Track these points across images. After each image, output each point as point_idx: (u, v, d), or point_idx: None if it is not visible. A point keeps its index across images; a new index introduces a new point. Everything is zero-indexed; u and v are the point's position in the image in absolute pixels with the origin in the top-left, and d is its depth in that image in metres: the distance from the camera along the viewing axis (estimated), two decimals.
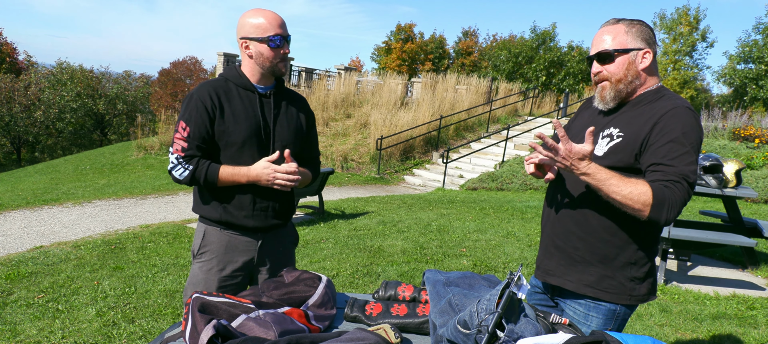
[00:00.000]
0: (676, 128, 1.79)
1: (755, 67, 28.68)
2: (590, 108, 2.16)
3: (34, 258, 5.84)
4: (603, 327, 1.99)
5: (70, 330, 4.06)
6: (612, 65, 1.95)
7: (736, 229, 6.27)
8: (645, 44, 1.93)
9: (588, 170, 1.77)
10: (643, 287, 1.99)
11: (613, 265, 1.97)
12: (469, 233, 7.59)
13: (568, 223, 2.04)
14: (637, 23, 1.94)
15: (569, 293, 2.07)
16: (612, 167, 1.86)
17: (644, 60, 1.93)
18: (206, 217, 2.37)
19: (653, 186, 1.75)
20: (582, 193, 2.00)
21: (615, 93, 1.97)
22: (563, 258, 2.06)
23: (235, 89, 2.31)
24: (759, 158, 13.48)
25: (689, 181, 1.76)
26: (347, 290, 5.12)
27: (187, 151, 2.23)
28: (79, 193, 10.76)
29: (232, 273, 2.37)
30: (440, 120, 18.08)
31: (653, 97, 1.93)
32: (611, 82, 1.96)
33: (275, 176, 2.25)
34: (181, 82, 43.12)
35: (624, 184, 1.75)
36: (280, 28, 2.26)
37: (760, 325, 4.59)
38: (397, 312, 1.90)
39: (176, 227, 7.68)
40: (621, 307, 2.00)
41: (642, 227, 1.90)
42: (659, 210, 1.73)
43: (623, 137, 1.90)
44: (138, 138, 20.54)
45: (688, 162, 1.77)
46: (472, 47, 41.57)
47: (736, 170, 5.64)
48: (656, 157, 1.80)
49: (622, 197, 1.75)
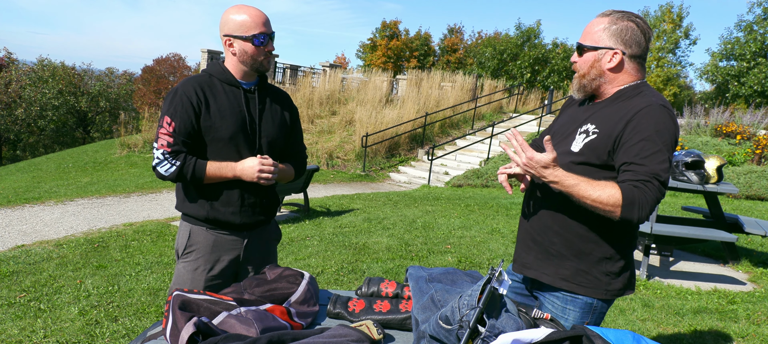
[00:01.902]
0: (649, 126, 1.80)
1: (737, 64, 29.02)
2: (573, 104, 2.19)
3: (16, 257, 5.77)
4: (580, 321, 2.01)
5: (52, 330, 4.01)
6: (581, 59, 2.01)
7: (718, 224, 6.35)
8: (619, 44, 1.93)
9: (554, 177, 1.80)
10: (618, 281, 2.01)
11: (588, 260, 1.99)
12: (454, 229, 7.61)
13: (545, 218, 2.05)
14: (624, 20, 1.94)
15: (547, 286, 2.09)
16: (587, 163, 1.89)
17: (611, 61, 1.94)
18: (192, 215, 2.35)
19: (623, 187, 1.77)
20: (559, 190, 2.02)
21: (578, 86, 2.03)
22: (540, 251, 2.08)
23: (219, 84, 2.30)
24: (740, 155, 13.65)
25: (660, 179, 1.77)
26: (332, 287, 5.11)
27: (173, 146, 2.21)
28: (62, 191, 10.63)
29: (219, 271, 2.37)
30: (426, 117, 18.10)
31: (632, 93, 1.94)
32: (578, 74, 2.03)
33: (262, 170, 2.25)
34: (164, 80, 42.71)
35: (593, 188, 1.78)
36: (264, 26, 2.25)
37: (741, 319, 4.65)
38: (380, 308, 1.90)
39: (160, 226, 7.62)
40: (598, 301, 2.02)
41: (618, 224, 1.90)
42: (630, 211, 1.75)
43: (598, 133, 1.91)
44: (121, 136, 20.34)
45: (660, 161, 1.78)
46: (458, 44, 41.60)
47: (717, 166, 5.70)
48: (628, 156, 1.81)
49: (592, 201, 1.78)
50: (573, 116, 2.11)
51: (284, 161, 2.49)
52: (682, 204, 10.11)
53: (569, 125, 2.08)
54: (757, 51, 28.14)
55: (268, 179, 2.28)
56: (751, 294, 5.36)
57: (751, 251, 6.97)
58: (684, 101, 28.26)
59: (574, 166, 1.93)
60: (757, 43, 28.05)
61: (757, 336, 4.26)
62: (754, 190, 11.67)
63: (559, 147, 2.02)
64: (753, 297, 5.23)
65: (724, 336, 4.28)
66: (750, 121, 16.09)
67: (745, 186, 11.80)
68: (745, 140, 14.79)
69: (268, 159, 2.28)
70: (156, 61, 44.43)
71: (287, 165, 2.49)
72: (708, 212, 6.67)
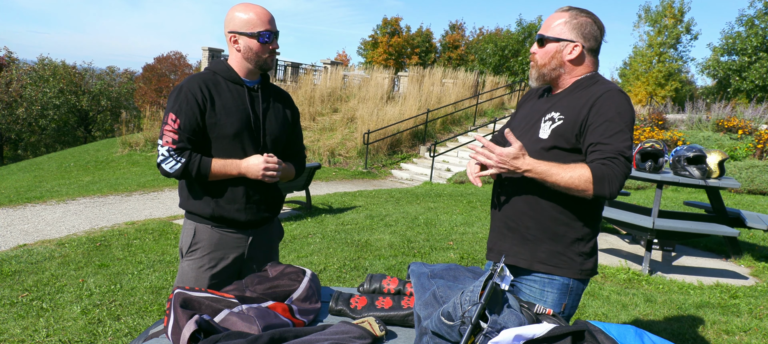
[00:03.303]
0: (611, 109, 1.94)
1: (738, 59, 28.96)
2: (531, 98, 2.31)
3: (18, 257, 5.78)
4: (559, 301, 2.11)
5: (55, 329, 4.02)
6: (541, 50, 2.12)
7: (720, 219, 6.34)
8: (579, 37, 2.06)
9: (527, 165, 1.92)
10: (590, 262, 2.12)
11: (562, 241, 2.09)
12: (456, 226, 7.61)
13: (518, 204, 2.14)
14: (583, 15, 2.07)
15: (523, 271, 2.16)
16: (556, 147, 2.02)
17: (572, 53, 2.06)
18: (196, 213, 2.35)
19: (592, 166, 1.89)
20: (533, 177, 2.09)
21: (537, 75, 2.15)
22: (516, 238, 2.16)
23: (223, 82, 2.31)
24: (742, 149, 13.62)
25: (625, 155, 1.90)
26: (334, 284, 5.11)
27: (179, 143, 2.20)
28: (63, 190, 10.64)
29: (223, 269, 2.37)
30: (427, 114, 18.09)
31: (588, 82, 2.07)
32: (537, 65, 2.14)
33: (266, 168, 2.26)
34: (165, 78, 42.77)
35: (563, 170, 1.90)
36: (269, 24, 2.27)
37: (743, 313, 4.64)
38: (381, 304, 1.89)
39: (162, 224, 7.62)
40: (573, 281, 2.11)
41: (587, 206, 2.05)
42: (601, 186, 1.87)
43: (564, 119, 2.02)
44: (123, 135, 20.36)
45: (623, 139, 1.91)
46: (459, 41, 41.58)
47: (719, 160, 5.69)
48: (594, 137, 1.94)
49: (566, 183, 1.89)
50: (533, 108, 2.23)
51: (285, 161, 2.49)
52: (684, 199, 10.10)
53: (531, 117, 2.18)
54: (758, 46, 28.08)
55: (273, 177, 2.29)
56: (753, 288, 5.36)
57: (753, 246, 6.96)
58: (686, 96, 28.19)
59: (544, 152, 2.03)
60: (758, 38, 27.99)
61: (760, 331, 4.26)
62: (756, 185, 11.65)
63: (525, 138, 2.11)
64: (755, 292, 5.23)
65: (727, 330, 4.28)
66: (751, 116, 16.07)
67: (746, 181, 11.78)
68: (746, 134, 14.76)
69: (272, 157, 2.29)
70: (157, 60, 44.47)
71: (288, 164, 2.50)
72: (710, 207, 6.66)
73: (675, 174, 5.81)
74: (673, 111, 19.59)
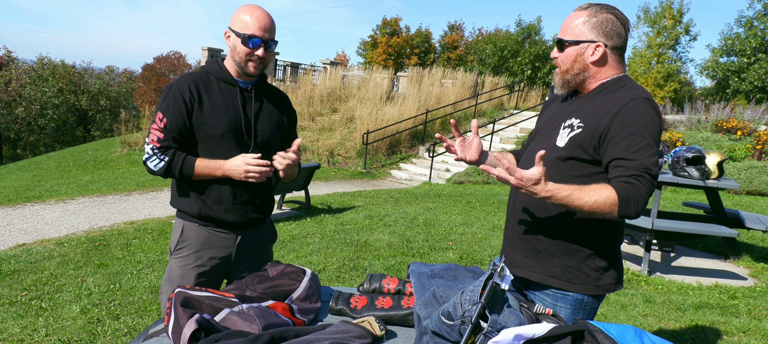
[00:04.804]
0: (636, 120, 1.80)
1: (737, 60, 28.95)
2: (555, 101, 2.19)
3: (17, 256, 5.77)
4: (572, 317, 2.00)
5: (54, 328, 4.02)
6: (562, 54, 1.98)
7: (719, 220, 6.35)
8: (600, 36, 1.91)
9: (546, 193, 1.75)
10: (607, 277, 2.00)
11: (577, 256, 1.98)
12: (455, 226, 7.61)
13: (532, 214, 2.04)
14: (603, 12, 1.93)
15: (536, 284, 2.07)
16: (573, 157, 1.89)
17: (594, 54, 1.92)
18: (184, 211, 2.35)
19: (616, 186, 1.76)
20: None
21: (562, 82, 2.01)
22: (528, 249, 2.06)
23: (215, 81, 2.30)
24: (741, 150, 13.64)
25: (651, 173, 1.77)
26: (334, 284, 5.12)
27: (163, 142, 2.21)
28: (62, 190, 10.63)
29: (210, 268, 2.37)
30: (426, 114, 18.09)
31: (615, 86, 1.93)
32: (560, 71, 2.00)
33: (248, 170, 2.23)
34: (165, 78, 42.75)
35: (587, 194, 1.76)
36: (262, 31, 2.22)
37: (742, 314, 4.65)
38: (381, 304, 1.90)
39: (161, 224, 7.62)
40: (588, 297, 2.00)
41: (604, 219, 1.89)
42: (627, 208, 1.74)
43: (583, 127, 1.90)
44: (122, 134, 20.31)
45: (649, 155, 1.78)
46: (458, 41, 41.55)
47: (718, 161, 5.70)
48: (618, 151, 1.80)
49: (590, 207, 1.76)
50: (556, 111, 2.10)
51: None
52: (683, 200, 10.11)
53: (553, 121, 2.07)
54: (757, 47, 28.07)
55: (257, 178, 2.25)
56: (752, 289, 5.36)
57: (752, 247, 6.97)
58: (684, 97, 28.20)
59: (560, 162, 1.93)
60: (757, 39, 27.98)
61: (758, 331, 4.27)
62: (755, 185, 11.67)
63: (544, 144, 2.01)
64: (754, 292, 5.23)
65: (726, 331, 4.29)
66: (750, 116, 16.07)
67: (745, 182, 11.80)
68: (745, 135, 14.77)
69: (255, 158, 2.25)
70: (156, 59, 44.49)
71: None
72: (709, 207, 6.66)
73: (674, 175, 5.81)
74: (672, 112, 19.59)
